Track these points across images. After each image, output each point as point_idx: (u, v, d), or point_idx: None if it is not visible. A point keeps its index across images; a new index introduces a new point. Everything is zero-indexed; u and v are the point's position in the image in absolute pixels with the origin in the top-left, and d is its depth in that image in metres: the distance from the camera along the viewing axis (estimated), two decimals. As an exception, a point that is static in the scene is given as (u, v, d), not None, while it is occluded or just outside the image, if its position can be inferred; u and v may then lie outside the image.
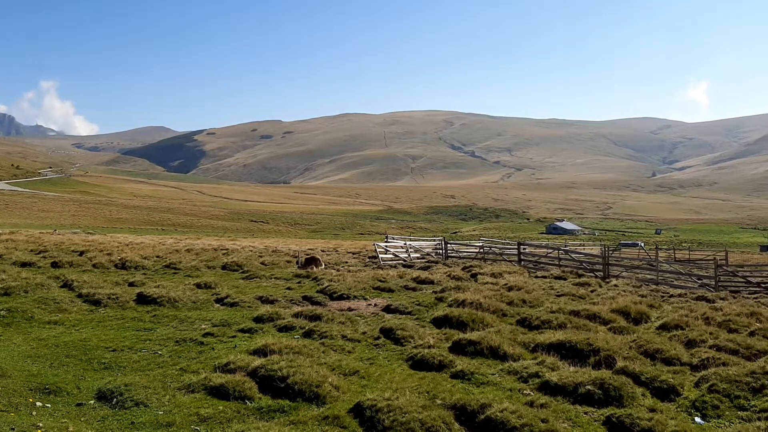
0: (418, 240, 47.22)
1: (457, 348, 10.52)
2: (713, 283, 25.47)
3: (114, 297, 14.28)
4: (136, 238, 54.45)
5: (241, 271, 23.09)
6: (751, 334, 13.18)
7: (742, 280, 26.64)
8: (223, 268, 23.99)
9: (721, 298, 20.56)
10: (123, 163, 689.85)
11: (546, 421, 6.90)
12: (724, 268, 28.64)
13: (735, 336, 12.53)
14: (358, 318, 13.49)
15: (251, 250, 37.21)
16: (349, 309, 14.72)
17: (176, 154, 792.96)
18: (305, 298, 16.33)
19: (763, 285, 25.68)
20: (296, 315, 12.89)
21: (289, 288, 18.55)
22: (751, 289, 25.19)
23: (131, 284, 17.20)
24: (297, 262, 26.18)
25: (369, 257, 34.40)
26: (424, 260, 32.89)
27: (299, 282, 20.18)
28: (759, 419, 7.74)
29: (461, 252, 37.78)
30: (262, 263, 26.43)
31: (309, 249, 43.25)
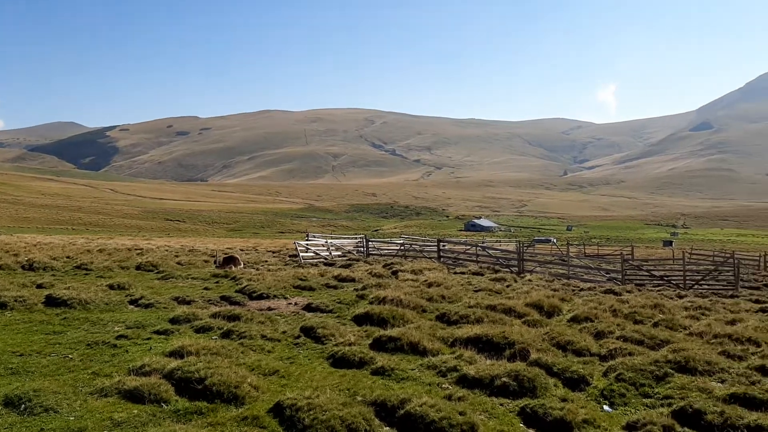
0: (340, 238, 47.21)
1: (378, 345, 10.59)
2: (620, 276, 26.73)
3: (21, 299, 13.57)
4: (44, 238, 52.06)
5: (156, 271, 22.43)
6: (655, 324, 13.92)
7: (647, 273, 28.08)
8: (138, 268, 23.25)
9: (628, 291, 21.59)
10: (30, 159, 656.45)
11: (463, 414, 7.07)
12: (630, 262, 30.11)
13: (640, 327, 13.19)
14: (278, 317, 13.37)
15: (167, 250, 36.30)
16: (269, 308, 14.57)
17: (87, 150, 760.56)
18: (223, 298, 16.03)
19: (665, 278, 27.18)
20: (214, 315, 12.63)
21: (206, 288, 18.18)
22: (655, 282, 26.61)
23: (39, 286, 16.41)
24: (215, 262, 25.69)
25: (289, 256, 34.16)
26: (345, 258, 32.94)
27: (217, 282, 19.81)
28: (662, 405, 8.19)
29: (382, 250, 38.06)
30: (179, 263, 25.78)
31: (227, 248, 42.54)
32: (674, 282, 26.46)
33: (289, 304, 15.51)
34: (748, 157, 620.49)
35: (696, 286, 25.64)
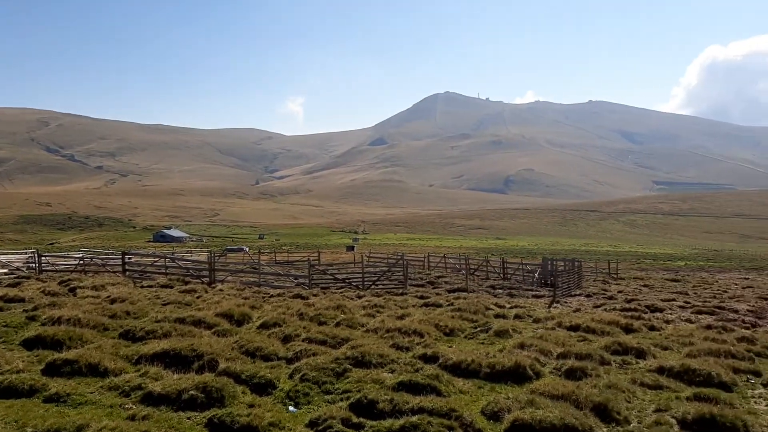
0: (6, 253, 41.69)
1: (52, 369, 9.71)
2: (308, 281, 28.15)
3: None
4: None
5: None
6: (337, 324, 14.98)
7: (331, 277, 30.01)
8: None
9: (314, 295, 22.84)
10: None
11: (147, 433, 6.85)
12: (317, 267, 31.89)
13: (324, 328, 14.09)
14: (-77, 349, 11.38)
15: None
16: None
17: None
18: None
19: (347, 280, 29.36)
20: None
21: None
22: (339, 284, 28.57)
23: None
24: None
25: (-62, 276, 29.20)
26: (12, 276, 29.21)
27: None
28: (341, 399, 8.89)
29: (59, 265, 34.79)
30: None
31: None
32: (355, 284, 28.70)
33: (-63, 333, 13.28)
34: (415, 170, 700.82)
35: (373, 287, 28.16)
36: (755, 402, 9.98)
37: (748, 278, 47.04)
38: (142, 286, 24.45)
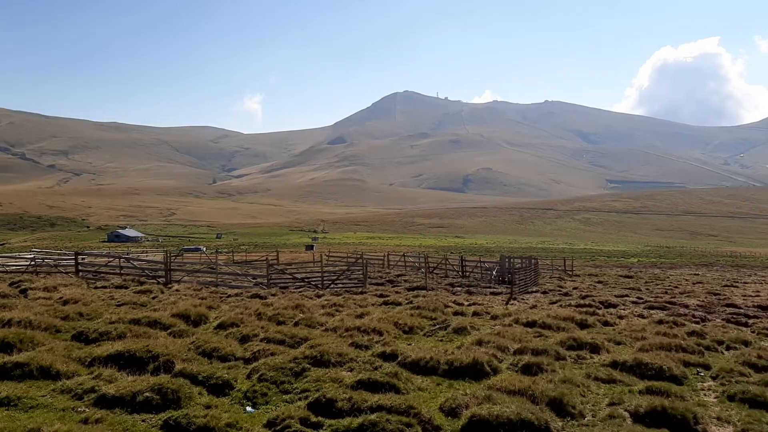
0: (-50, 255, 40.36)
1: (2, 373, 9.47)
2: (266, 281, 27.93)
3: None
4: None
5: None
6: (296, 324, 14.90)
7: (290, 276, 29.83)
8: None
9: (273, 295, 22.66)
10: None
11: (101, 436, 6.71)
12: (275, 267, 31.68)
13: (282, 327, 14.00)
14: None
15: None
16: None
17: None
18: None
19: (306, 280, 29.22)
20: None
21: None
22: (298, 284, 28.41)
23: None
24: None
25: None
26: (-43, 278, 28.29)
27: None
28: (300, 399, 8.84)
29: (9, 266, 33.90)
30: None
31: None
32: (314, 283, 28.57)
33: None
34: (375, 170, 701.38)
35: (332, 286, 28.07)
36: (705, 394, 10.28)
37: (698, 274, 48.43)
38: (95, 287, 23.94)
